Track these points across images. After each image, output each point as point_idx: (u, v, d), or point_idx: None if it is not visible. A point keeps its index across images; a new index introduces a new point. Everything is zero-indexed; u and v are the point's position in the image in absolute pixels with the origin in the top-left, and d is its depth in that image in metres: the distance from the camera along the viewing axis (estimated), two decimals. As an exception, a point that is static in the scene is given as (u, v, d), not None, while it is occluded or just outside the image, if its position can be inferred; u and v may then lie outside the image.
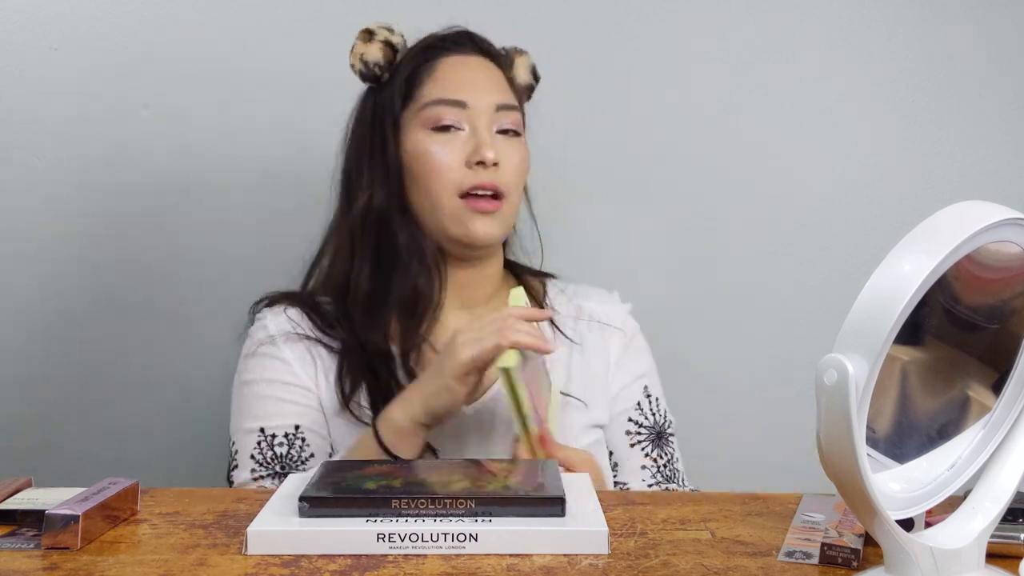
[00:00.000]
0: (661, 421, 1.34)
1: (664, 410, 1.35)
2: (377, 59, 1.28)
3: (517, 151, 1.28)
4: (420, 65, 1.28)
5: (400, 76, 1.28)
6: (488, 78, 1.29)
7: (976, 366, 0.75)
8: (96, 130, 1.59)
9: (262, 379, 1.25)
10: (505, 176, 1.25)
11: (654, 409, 1.34)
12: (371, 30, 1.29)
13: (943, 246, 0.63)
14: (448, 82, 1.26)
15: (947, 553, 0.70)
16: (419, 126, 1.26)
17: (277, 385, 1.24)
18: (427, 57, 1.28)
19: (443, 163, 1.24)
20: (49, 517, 0.82)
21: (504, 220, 1.27)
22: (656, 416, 1.34)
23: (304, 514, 0.84)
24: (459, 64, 1.28)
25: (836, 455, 0.65)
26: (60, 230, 1.59)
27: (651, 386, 1.35)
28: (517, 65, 1.34)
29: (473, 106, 1.25)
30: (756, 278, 1.68)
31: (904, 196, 1.67)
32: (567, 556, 0.80)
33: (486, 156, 1.23)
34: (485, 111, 1.25)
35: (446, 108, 1.25)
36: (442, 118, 1.24)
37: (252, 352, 1.27)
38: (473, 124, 1.25)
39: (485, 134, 1.24)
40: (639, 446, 1.32)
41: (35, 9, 1.58)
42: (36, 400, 1.61)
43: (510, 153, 1.26)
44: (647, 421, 1.33)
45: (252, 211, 1.62)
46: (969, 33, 1.67)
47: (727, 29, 1.65)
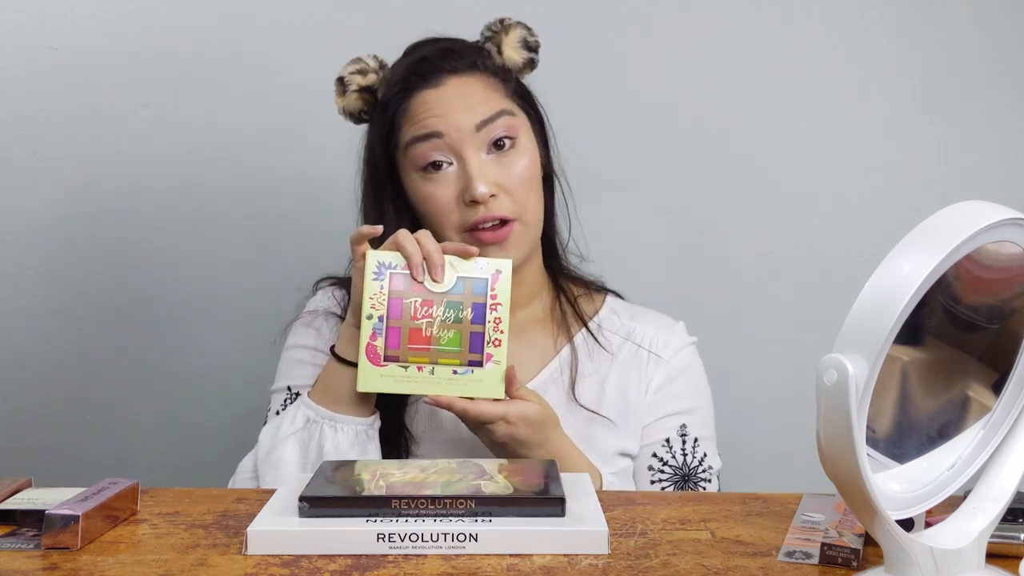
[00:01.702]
0: (694, 464, 1.26)
1: (704, 454, 1.27)
2: (358, 107, 1.24)
3: (516, 163, 1.21)
4: (395, 109, 1.22)
5: (378, 124, 1.24)
6: (461, 97, 1.21)
7: (976, 366, 0.75)
8: (96, 130, 1.59)
9: (298, 344, 1.29)
10: (508, 200, 1.19)
11: (687, 450, 1.27)
12: (343, 79, 1.24)
13: (943, 246, 0.63)
14: (420, 117, 1.20)
15: (947, 553, 0.70)
16: (410, 168, 1.22)
17: (309, 351, 1.27)
18: (399, 99, 1.22)
19: (440, 205, 1.20)
20: (49, 517, 0.82)
21: (520, 241, 1.21)
22: (688, 457, 1.26)
23: (304, 514, 0.84)
24: (429, 96, 1.21)
25: (836, 455, 0.65)
26: (60, 230, 1.60)
27: (691, 425, 1.27)
28: (505, 47, 1.24)
29: (449, 133, 1.19)
30: (756, 278, 1.68)
31: (904, 196, 1.67)
32: (567, 556, 0.80)
33: (477, 193, 1.17)
34: (465, 135, 1.19)
35: (424, 144, 1.19)
36: (425, 156, 1.19)
37: (297, 320, 1.31)
38: (458, 153, 1.19)
39: (473, 165, 1.18)
40: (659, 484, 1.25)
41: (35, 9, 1.58)
42: (36, 400, 1.61)
43: (507, 172, 1.20)
44: (674, 461, 1.26)
45: (252, 211, 1.62)
46: (969, 33, 1.67)
47: (727, 29, 1.66)
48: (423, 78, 1.21)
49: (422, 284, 1.12)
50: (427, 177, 1.20)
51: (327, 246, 1.56)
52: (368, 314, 1.10)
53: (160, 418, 1.63)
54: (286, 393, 1.26)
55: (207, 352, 1.62)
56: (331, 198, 1.60)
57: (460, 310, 1.12)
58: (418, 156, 1.20)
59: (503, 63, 1.24)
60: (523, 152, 1.22)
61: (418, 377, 1.11)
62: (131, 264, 1.61)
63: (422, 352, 1.11)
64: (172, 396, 1.63)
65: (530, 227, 1.22)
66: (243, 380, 1.59)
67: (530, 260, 1.27)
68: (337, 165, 1.57)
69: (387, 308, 1.11)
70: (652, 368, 1.28)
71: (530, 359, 1.26)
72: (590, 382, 1.26)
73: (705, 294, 1.68)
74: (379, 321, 1.10)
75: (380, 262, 1.11)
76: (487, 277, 1.14)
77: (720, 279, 1.68)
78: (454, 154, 1.19)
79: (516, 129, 1.22)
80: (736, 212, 1.67)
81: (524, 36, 1.26)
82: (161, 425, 1.63)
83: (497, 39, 1.25)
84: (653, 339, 1.30)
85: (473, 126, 1.19)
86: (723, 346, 1.67)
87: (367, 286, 1.11)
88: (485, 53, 1.24)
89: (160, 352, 1.63)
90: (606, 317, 1.31)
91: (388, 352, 1.10)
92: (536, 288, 1.29)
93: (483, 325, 1.13)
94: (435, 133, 1.19)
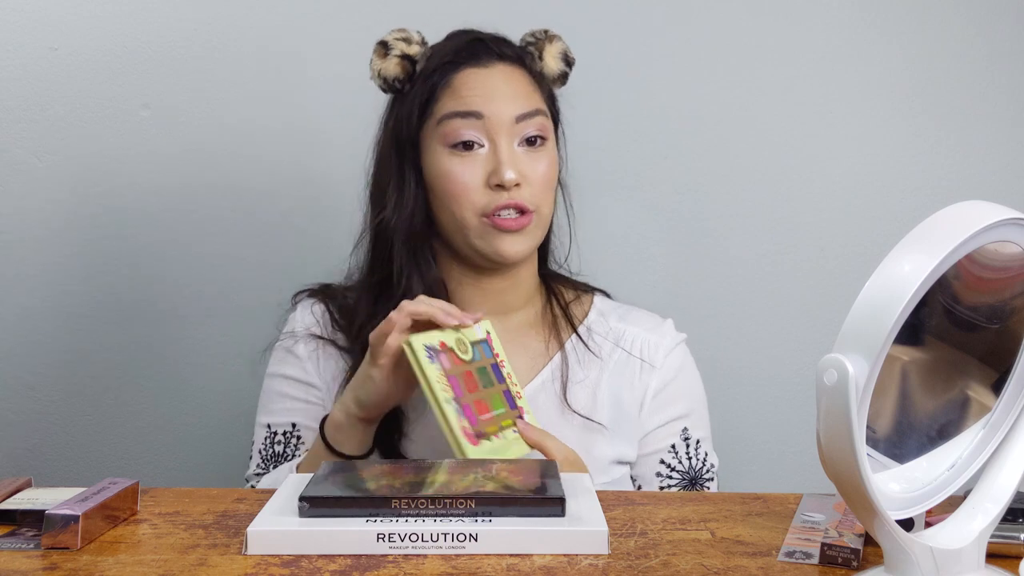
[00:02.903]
0: (699, 466, 1.28)
1: (705, 453, 1.29)
2: (395, 74, 1.23)
3: (542, 161, 1.22)
4: (437, 80, 1.22)
5: (417, 92, 1.23)
6: (507, 84, 1.23)
7: (976, 366, 0.75)
8: (96, 130, 1.59)
9: (277, 373, 1.28)
10: (529, 191, 1.20)
11: (691, 453, 1.28)
12: (387, 43, 1.24)
13: (943, 246, 0.63)
14: (463, 94, 1.21)
15: (947, 553, 0.70)
16: (438, 143, 1.21)
17: (287, 381, 1.26)
18: (444, 71, 1.23)
19: (464, 184, 1.19)
20: (49, 517, 0.82)
21: (533, 234, 1.23)
22: (693, 460, 1.28)
23: (304, 514, 0.84)
24: (476, 75, 1.22)
25: (836, 455, 0.65)
26: (60, 230, 1.60)
27: (692, 428, 1.28)
28: (546, 55, 1.27)
29: (490, 117, 1.20)
30: (756, 278, 1.68)
31: (904, 196, 1.67)
32: (567, 556, 0.80)
33: (505, 178, 1.18)
34: (504, 123, 1.20)
35: (461, 121, 1.20)
36: (459, 133, 1.20)
37: (276, 345, 1.30)
38: (492, 138, 1.20)
39: (505, 151, 1.19)
40: (669, 490, 1.26)
41: (35, 9, 1.58)
42: (36, 400, 1.62)
43: (533, 166, 1.21)
44: (681, 466, 1.27)
45: (252, 211, 1.62)
46: (969, 33, 1.67)
47: (727, 29, 1.66)
48: (473, 56, 1.23)
49: (459, 358, 1.11)
50: (456, 155, 1.20)
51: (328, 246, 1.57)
52: (445, 399, 1.06)
53: (160, 418, 1.63)
54: (267, 431, 1.26)
55: (207, 352, 1.62)
56: (332, 198, 1.60)
57: (486, 373, 1.13)
58: (451, 132, 1.20)
59: (541, 69, 1.27)
60: (547, 154, 1.24)
61: (502, 445, 1.09)
62: (131, 264, 1.61)
63: (491, 421, 1.10)
64: (172, 396, 1.63)
65: (542, 224, 1.24)
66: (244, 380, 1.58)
67: (528, 262, 1.27)
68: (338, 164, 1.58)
69: (453, 388, 1.08)
70: (646, 376, 1.28)
71: (523, 365, 1.26)
72: (582, 388, 1.26)
73: (705, 294, 1.68)
74: (456, 402, 1.07)
75: (427, 345, 1.08)
76: (484, 337, 1.15)
77: (720, 279, 1.68)
78: (488, 138, 1.20)
79: (547, 131, 1.24)
80: (736, 212, 1.67)
81: (565, 50, 1.29)
82: (161, 425, 1.63)
83: (540, 45, 1.27)
84: (644, 343, 1.29)
85: (514, 116, 1.20)
86: (723, 346, 1.68)
87: (428, 371, 1.06)
88: (529, 55, 1.27)
89: (160, 352, 1.63)
90: (595, 320, 1.31)
91: (475, 430, 1.08)
92: (530, 292, 1.29)
93: (504, 383, 1.14)
94: (476, 113, 1.20)
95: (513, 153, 1.20)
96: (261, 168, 1.62)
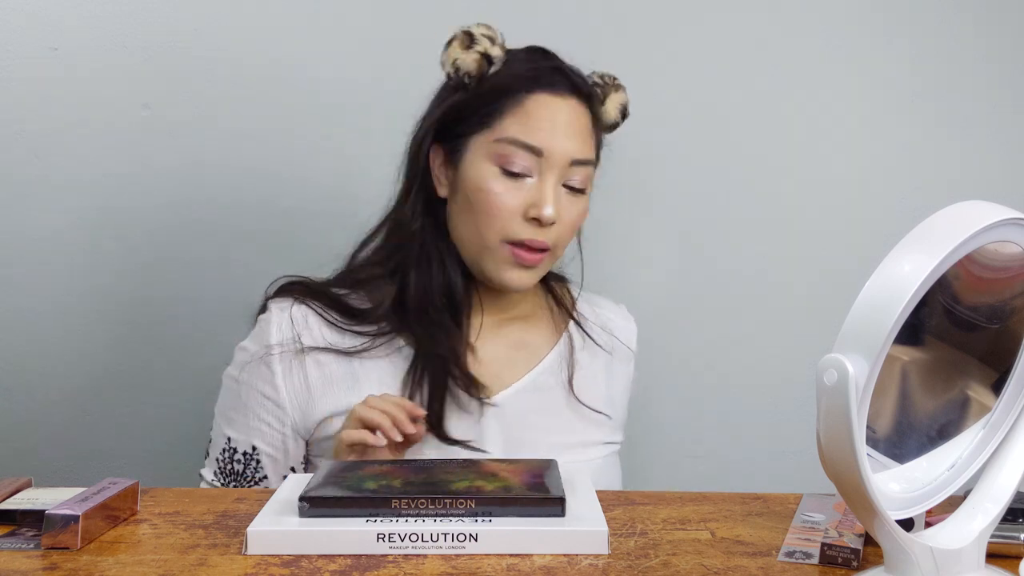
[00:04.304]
0: None
1: None
2: (470, 69, 1.20)
3: (577, 207, 1.23)
4: (508, 96, 1.20)
5: (484, 98, 1.21)
6: (572, 125, 1.21)
7: (976, 366, 0.75)
8: (96, 130, 1.59)
9: (246, 382, 1.22)
10: (556, 232, 1.21)
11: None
12: (472, 35, 1.21)
13: (943, 246, 0.63)
14: (531, 122, 1.19)
15: (947, 553, 0.70)
16: (488, 158, 1.19)
17: (259, 397, 1.21)
18: (518, 89, 1.20)
19: (502, 209, 1.18)
20: (49, 517, 0.82)
21: (543, 270, 1.24)
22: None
23: (304, 514, 0.84)
24: (548, 104, 1.20)
25: (836, 455, 0.65)
26: (60, 230, 1.59)
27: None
28: (609, 102, 1.27)
29: (549, 155, 1.18)
30: (756, 278, 1.68)
31: (904, 196, 1.67)
32: (567, 556, 0.80)
33: (544, 215, 1.18)
34: (559, 163, 1.19)
35: (521, 151, 1.18)
36: (514, 160, 1.18)
37: (247, 347, 1.24)
38: (543, 173, 1.19)
39: (550, 189, 1.19)
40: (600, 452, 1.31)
41: (35, 9, 1.58)
42: (36, 400, 1.61)
43: (570, 209, 1.21)
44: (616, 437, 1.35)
45: (253, 211, 1.62)
46: (969, 34, 1.67)
47: (727, 31, 1.65)
48: (551, 82, 1.21)
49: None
50: (503, 177, 1.19)
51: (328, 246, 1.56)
52: None
53: (160, 418, 1.63)
54: (226, 443, 1.22)
55: (208, 352, 1.62)
56: (333, 198, 1.60)
57: None
58: (506, 156, 1.18)
59: (600, 113, 1.26)
60: (584, 202, 1.24)
61: None
62: (131, 264, 1.61)
63: None
64: (172, 396, 1.63)
65: (553, 261, 1.26)
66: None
67: None
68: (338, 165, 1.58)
69: None
70: (628, 363, 1.36)
71: (523, 357, 1.28)
72: (586, 378, 1.29)
73: (705, 294, 1.68)
74: None
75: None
76: None
77: (720, 279, 1.68)
78: (539, 172, 1.19)
79: (589, 183, 1.24)
80: (736, 212, 1.67)
81: (626, 103, 1.29)
82: (161, 425, 1.63)
83: (605, 91, 1.27)
84: (621, 328, 1.36)
85: (570, 159, 1.20)
86: (723, 345, 1.68)
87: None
88: (596, 96, 1.26)
89: (160, 352, 1.62)
90: (582, 308, 1.35)
91: None
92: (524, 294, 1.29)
93: None
94: (537, 150, 1.18)
95: (558, 192, 1.20)
96: (261, 169, 1.62)
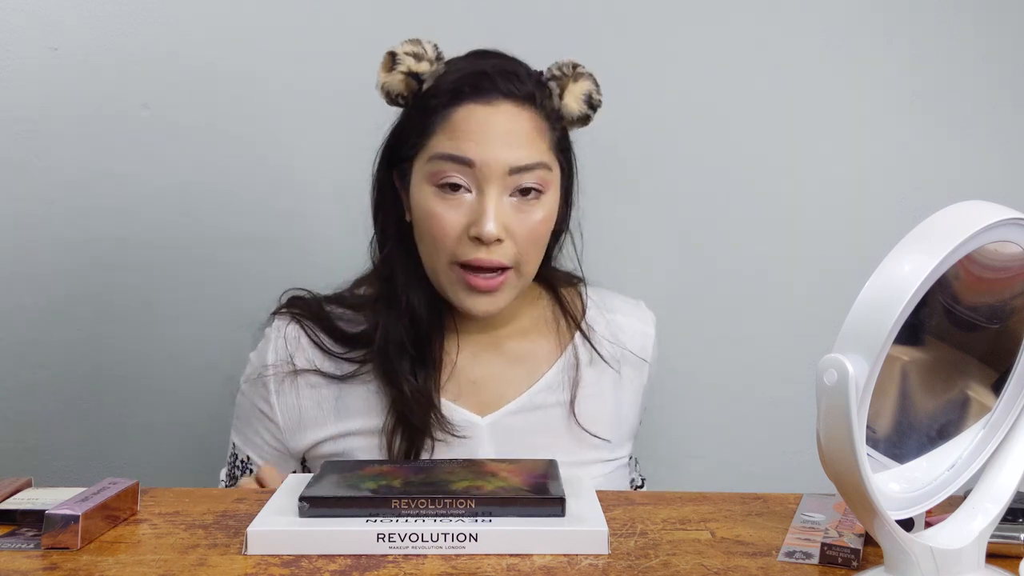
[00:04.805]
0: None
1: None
2: (399, 91, 1.16)
3: (534, 214, 1.13)
4: (435, 113, 1.13)
5: (415, 120, 1.15)
6: (508, 132, 1.12)
7: (976, 366, 0.75)
8: (96, 130, 1.59)
9: (247, 395, 1.24)
10: (512, 249, 1.13)
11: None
12: (395, 56, 1.15)
13: (943, 246, 0.63)
14: (458, 135, 1.11)
15: (947, 553, 0.70)
16: (426, 179, 1.13)
17: (255, 411, 1.22)
18: (444, 103, 1.13)
19: (442, 228, 1.12)
20: (49, 517, 0.82)
21: (508, 292, 1.15)
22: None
23: (304, 514, 0.84)
24: (475, 113, 1.12)
25: (836, 455, 0.65)
26: (60, 230, 1.59)
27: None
28: (568, 95, 1.17)
29: (482, 167, 1.10)
30: (756, 278, 1.68)
31: (904, 196, 1.67)
32: (567, 556, 0.80)
33: (484, 232, 1.09)
34: (496, 174, 1.11)
35: (450, 164, 1.11)
36: (446, 175, 1.11)
37: (252, 361, 1.25)
38: (480, 187, 1.11)
39: (490, 203, 1.10)
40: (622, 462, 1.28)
41: (35, 9, 1.58)
42: (36, 400, 1.61)
43: (522, 220, 1.13)
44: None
45: (253, 212, 1.62)
46: (969, 34, 1.67)
47: (727, 29, 1.65)
48: (477, 91, 1.13)
49: None
50: (439, 195, 1.12)
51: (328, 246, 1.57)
52: None
53: (160, 418, 1.63)
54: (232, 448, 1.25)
55: (208, 352, 1.62)
56: (332, 199, 1.60)
57: None
58: (438, 172, 1.12)
59: (558, 108, 1.17)
60: (543, 206, 1.15)
61: None
62: (131, 264, 1.61)
63: None
64: (172, 396, 1.63)
65: (524, 278, 1.17)
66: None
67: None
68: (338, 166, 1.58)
69: None
70: (641, 372, 1.28)
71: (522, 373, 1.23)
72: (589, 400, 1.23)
73: (705, 293, 1.68)
74: None
75: None
76: None
77: (720, 278, 1.68)
78: (476, 185, 1.12)
79: (547, 184, 1.15)
80: (736, 211, 1.67)
81: (591, 91, 1.18)
82: (161, 425, 1.63)
83: (563, 82, 1.17)
84: (634, 334, 1.28)
85: (508, 168, 1.11)
86: (723, 345, 1.68)
87: None
88: (546, 91, 1.16)
89: (160, 352, 1.62)
90: (592, 316, 1.27)
91: None
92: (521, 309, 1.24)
93: None
94: (467, 161, 1.11)
95: (500, 205, 1.11)
96: (261, 169, 1.62)
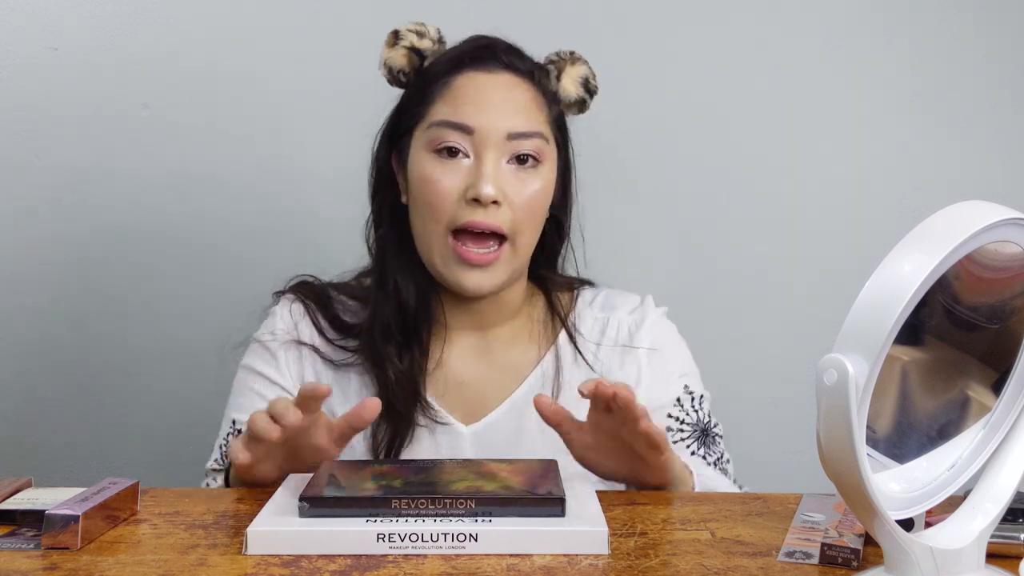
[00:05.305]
0: (705, 420, 1.24)
1: (708, 411, 1.25)
2: (401, 66, 1.17)
3: (531, 183, 1.14)
4: (436, 82, 1.16)
5: (415, 92, 1.17)
6: (507, 100, 1.14)
7: (976, 366, 0.75)
8: (96, 130, 1.59)
9: (251, 367, 1.23)
10: (509, 215, 1.13)
11: (696, 407, 1.24)
12: (398, 33, 1.18)
13: (943, 246, 0.63)
14: (458, 102, 1.14)
15: (947, 553, 0.70)
16: (425, 147, 1.15)
17: (259, 378, 1.21)
18: (445, 71, 1.16)
19: (440, 192, 1.12)
20: (49, 517, 0.82)
21: (503, 269, 1.15)
22: (699, 414, 1.24)
23: (304, 514, 0.84)
24: (476, 82, 1.15)
25: (836, 455, 0.65)
26: (60, 230, 1.59)
27: (692, 385, 1.25)
28: (565, 77, 1.19)
29: (480, 131, 1.12)
30: (756, 278, 1.68)
31: (904, 196, 1.67)
32: (567, 556, 0.80)
33: (482, 192, 1.10)
34: (494, 139, 1.12)
35: (451, 131, 1.13)
36: (445, 140, 1.13)
37: (255, 337, 1.25)
38: (479, 152, 1.12)
39: (489, 166, 1.11)
40: (683, 443, 1.22)
41: (35, 9, 1.58)
42: (36, 400, 1.61)
43: (519, 187, 1.13)
44: (689, 418, 1.23)
45: (253, 211, 1.62)
46: (969, 34, 1.67)
47: (727, 30, 1.65)
48: (477, 60, 1.16)
49: None
50: (438, 160, 1.13)
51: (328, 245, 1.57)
52: None
53: (160, 418, 1.63)
54: (231, 427, 1.22)
55: (208, 351, 1.61)
56: (332, 196, 1.60)
57: None
58: (437, 138, 1.13)
59: (555, 91, 1.19)
60: (540, 177, 1.16)
61: None
62: (131, 263, 1.61)
63: None
64: (172, 396, 1.63)
65: (519, 254, 1.16)
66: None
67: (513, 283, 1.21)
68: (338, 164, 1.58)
69: None
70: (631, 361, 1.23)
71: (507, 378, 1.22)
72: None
73: (705, 294, 1.68)
74: None
75: None
76: None
77: (720, 279, 1.68)
78: (475, 151, 1.13)
79: (544, 154, 1.16)
80: (736, 212, 1.67)
81: (587, 75, 1.20)
82: (161, 425, 1.63)
83: (560, 65, 1.20)
84: (626, 325, 1.24)
85: (506, 133, 1.13)
86: (723, 345, 1.68)
87: None
88: (544, 71, 1.19)
89: (160, 352, 1.62)
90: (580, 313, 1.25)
91: None
92: (517, 306, 1.24)
93: None
94: (466, 127, 1.12)
95: (499, 169, 1.13)
96: (262, 168, 1.62)
